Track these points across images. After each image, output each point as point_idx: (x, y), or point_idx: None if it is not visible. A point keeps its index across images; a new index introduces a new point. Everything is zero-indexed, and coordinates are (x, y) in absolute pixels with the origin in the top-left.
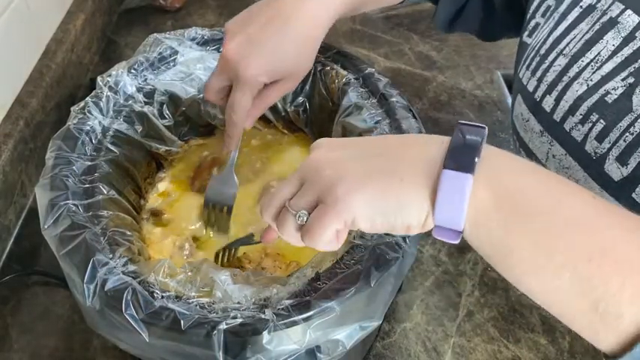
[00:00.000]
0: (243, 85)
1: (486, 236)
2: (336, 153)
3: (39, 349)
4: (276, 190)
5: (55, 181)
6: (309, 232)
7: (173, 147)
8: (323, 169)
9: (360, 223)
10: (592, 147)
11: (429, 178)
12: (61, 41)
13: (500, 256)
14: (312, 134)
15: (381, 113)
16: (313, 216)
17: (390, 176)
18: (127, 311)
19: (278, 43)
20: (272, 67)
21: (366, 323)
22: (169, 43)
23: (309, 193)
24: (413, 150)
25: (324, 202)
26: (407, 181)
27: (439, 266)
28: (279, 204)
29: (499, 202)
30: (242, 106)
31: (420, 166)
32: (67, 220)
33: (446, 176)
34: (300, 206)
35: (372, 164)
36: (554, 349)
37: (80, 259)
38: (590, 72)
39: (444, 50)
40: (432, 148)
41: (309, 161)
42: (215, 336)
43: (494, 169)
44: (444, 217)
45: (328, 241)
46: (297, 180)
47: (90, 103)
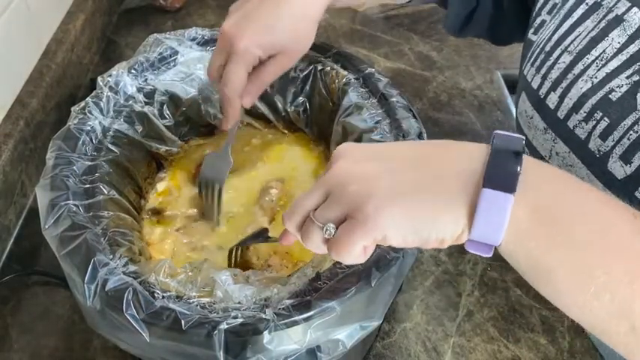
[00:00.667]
0: (236, 57)
1: (524, 254)
2: (363, 165)
3: (39, 349)
4: (301, 199)
5: (56, 182)
6: (337, 247)
7: (173, 147)
8: (350, 184)
9: (391, 240)
10: (596, 145)
11: (466, 194)
12: (61, 41)
13: (538, 275)
14: (312, 134)
15: (381, 113)
16: (342, 231)
17: (424, 193)
18: (128, 311)
19: (273, 17)
20: (266, 40)
21: (367, 323)
22: (169, 43)
23: (336, 207)
24: (449, 161)
25: (353, 217)
26: (442, 198)
27: (439, 266)
28: (303, 214)
29: (540, 221)
30: (234, 78)
31: (456, 182)
32: (67, 220)
33: (486, 196)
34: (326, 219)
35: (403, 179)
36: (554, 349)
37: (81, 260)
38: (594, 69)
39: (444, 50)
40: (468, 161)
41: (334, 172)
42: (216, 336)
43: (535, 186)
44: (481, 234)
45: (356, 256)
46: (323, 191)
47: (90, 103)
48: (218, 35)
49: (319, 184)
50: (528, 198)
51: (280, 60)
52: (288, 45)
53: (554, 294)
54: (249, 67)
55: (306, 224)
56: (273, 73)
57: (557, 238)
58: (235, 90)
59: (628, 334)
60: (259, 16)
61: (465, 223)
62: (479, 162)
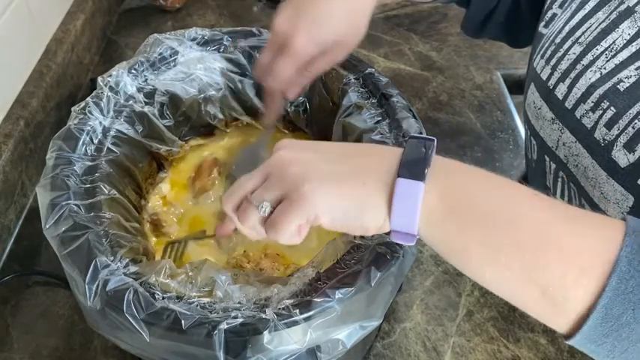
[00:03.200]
0: (290, 54)
1: (439, 237)
2: (303, 154)
3: (39, 349)
4: (240, 182)
5: (57, 181)
6: (274, 225)
7: (173, 147)
8: (290, 166)
9: (321, 220)
10: (601, 134)
11: (386, 186)
12: (61, 41)
13: (455, 254)
14: (312, 134)
15: (381, 113)
16: (278, 209)
17: (353, 180)
18: (128, 311)
19: (326, 11)
20: (321, 36)
21: (367, 323)
22: (169, 43)
23: (274, 187)
24: (373, 159)
25: (289, 197)
26: (368, 186)
27: (439, 266)
28: (241, 196)
29: (449, 205)
30: (282, 74)
31: (379, 174)
32: (68, 220)
33: (400, 184)
34: (263, 199)
35: (338, 167)
36: (554, 349)
37: (82, 260)
38: (604, 60)
39: (444, 50)
40: (389, 159)
41: (275, 159)
42: (216, 336)
43: (444, 176)
44: (399, 222)
45: (291, 234)
46: (262, 175)
47: (90, 103)
48: (270, 34)
49: (259, 169)
50: (437, 185)
51: (331, 54)
52: (342, 39)
53: (471, 270)
54: (300, 63)
55: (243, 205)
56: (325, 65)
57: (465, 220)
58: (281, 84)
59: (540, 298)
60: (313, 12)
61: (386, 213)
62: (396, 159)
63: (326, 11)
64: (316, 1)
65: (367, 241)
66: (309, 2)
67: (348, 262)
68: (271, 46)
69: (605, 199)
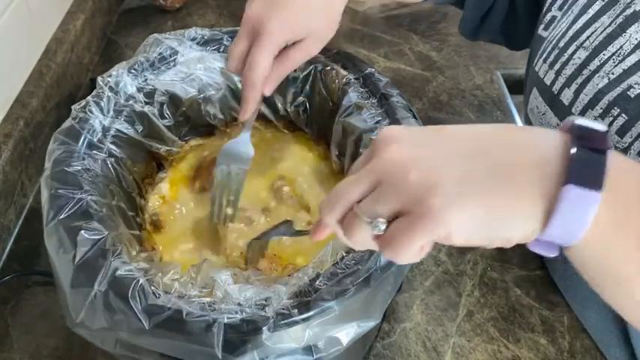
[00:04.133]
0: (263, 41)
1: (598, 259)
2: (422, 151)
3: (39, 349)
4: (341, 189)
5: (61, 175)
6: (393, 246)
7: (173, 147)
8: (408, 172)
9: (455, 239)
10: (613, 141)
11: (543, 188)
12: (61, 41)
13: (611, 282)
14: (312, 134)
15: (381, 113)
16: (398, 227)
17: (497, 186)
18: (132, 299)
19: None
20: (294, 23)
21: (365, 322)
22: (169, 43)
23: (390, 199)
24: (523, 151)
25: (412, 211)
26: (517, 194)
27: (439, 266)
28: (346, 206)
29: (623, 224)
30: (261, 63)
31: (531, 172)
32: (79, 211)
33: (569, 194)
34: (377, 213)
35: (472, 169)
36: (554, 349)
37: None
38: (611, 65)
39: (444, 50)
40: (547, 152)
41: (386, 159)
42: (215, 329)
43: (621, 183)
44: (556, 235)
45: (413, 255)
46: (370, 181)
47: (91, 103)
48: (242, 22)
49: (365, 173)
50: (614, 195)
51: (306, 45)
52: (316, 29)
53: (628, 304)
54: (276, 50)
55: (350, 218)
56: (298, 59)
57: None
58: (261, 75)
59: None
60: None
61: (539, 222)
62: (554, 150)
63: (300, 1)
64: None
65: None
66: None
67: (348, 262)
68: (243, 35)
69: None
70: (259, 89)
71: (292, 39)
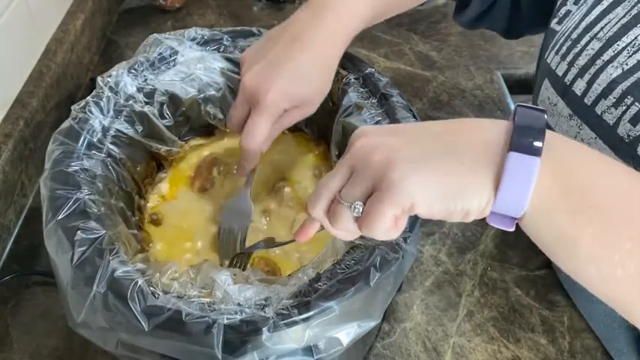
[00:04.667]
0: (263, 111)
1: (547, 224)
2: (386, 138)
3: (39, 349)
4: (324, 182)
5: (60, 175)
6: (366, 222)
7: (173, 147)
8: (374, 154)
9: (418, 208)
10: (625, 130)
11: (491, 162)
12: (61, 41)
13: (561, 245)
14: (312, 134)
15: (381, 113)
16: (369, 205)
17: (449, 159)
18: (131, 299)
19: (297, 66)
20: (292, 92)
21: (365, 322)
22: (169, 43)
23: (361, 181)
24: (470, 132)
25: (378, 188)
26: (468, 165)
27: (439, 266)
28: (329, 197)
29: (565, 189)
30: (260, 132)
31: (480, 150)
32: (78, 211)
33: (512, 159)
34: (353, 196)
35: (428, 147)
36: (554, 349)
37: (94, 251)
38: (625, 56)
39: (444, 50)
40: (491, 131)
41: (356, 149)
42: (215, 329)
43: (560, 155)
44: (506, 204)
45: (387, 228)
46: (346, 169)
47: (91, 103)
48: (240, 89)
49: (341, 164)
50: (554, 165)
51: (303, 109)
52: (313, 94)
53: (577, 265)
54: (275, 119)
55: (333, 207)
56: (293, 120)
57: (582, 206)
58: (260, 142)
59: None
60: (283, 66)
61: (490, 193)
62: (502, 132)
63: (297, 67)
64: (287, 56)
65: (367, 241)
66: (279, 57)
67: (348, 262)
68: (242, 101)
69: None
70: (257, 154)
71: (289, 107)
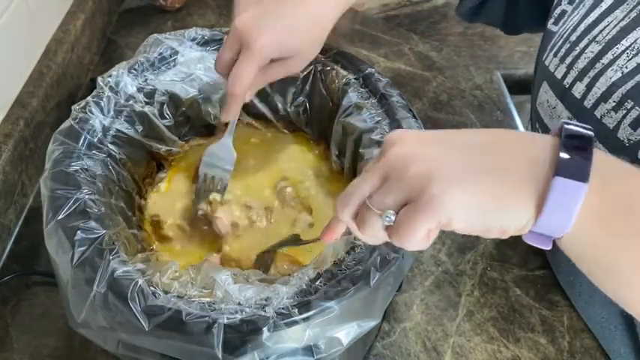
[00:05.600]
0: (251, 55)
1: (590, 246)
2: (425, 147)
3: (39, 349)
4: (355, 186)
5: (60, 175)
6: (400, 233)
7: (174, 147)
8: (411, 166)
9: (456, 224)
10: (625, 134)
11: (536, 182)
12: (61, 41)
13: (603, 268)
14: (312, 134)
15: (381, 113)
16: (403, 215)
17: (492, 175)
18: (131, 300)
19: (292, 18)
20: (283, 41)
21: (365, 322)
22: (169, 43)
23: (397, 190)
24: (515, 148)
25: (415, 200)
26: (511, 183)
27: (439, 266)
28: (358, 202)
29: (609, 212)
30: (246, 76)
31: (525, 167)
32: (78, 211)
33: (558, 184)
34: (385, 205)
35: (470, 160)
36: (554, 349)
37: (93, 251)
38: (625, 59)
39: (444, 50)
40: (536, 148)
41: (392, 156)
42: (215, 329)
43: (607, 177)
44: (548, 226)
45: (419, 241)
46: (380, 176)
47: (91, 103)
48: (231, 30)
49: (375, 169)
50: (599, 187)
51: (290, 63)
52: (302, 49)
53: (618, 289)
54: (262, 66)
55: (362, 212)
56: (278, 74)
57: (628, 230)
58: (245, 87)
59: None
60: (277, 15)
61: (532, 214)
62: (546, 150)
63: (291, 18)
64: (283, 7)
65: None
66: (275, 6)
67: (348, 262)
68: (232, 42)
69: None
70: (241, 98)
71: (278, 57)
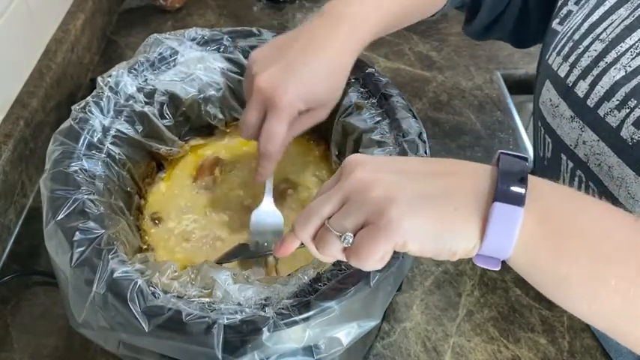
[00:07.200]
0: (280, 112)
1: (535, 265)
2: (385, 174)
3: (39, 349)
4: (314, 207)
5: (59, 176)
6: (358, 254)
7: (173, 147)
8: (372, 189)
9: (411, 246)
10: (629, 133)
11: (479, 210)
12: (61, 41)
13: (551, 284)
14: (312, 134)
15: (381, 113)
16: (362, 237)
17: (444, 204)
18: (131, 301)
19: (313, 70)
20: (309, 95)
21: (365, 322)
22: (169, 43)
23: (356, 212)
24: (463, 179)
25: (374, 223)
26: (460, 211)
27: (439, 266)
28: (318, 223)
29: (548, 232)
30: (279, 134)
31: (471, 197)
32: (78, 212)
33: (497, 210)
34: (343, 227)
35: (425, 190)
36: (554, 349)
37: (93, 251)
38: (629, 58)
39: (444, 50)
40: (480, 179)
41: (353, 180)
42: (215, 330)
43: (542, 200)
44: (491, 248)
45: (376, 262)
46: (339, 198)
47: (91, 103)
48: (254, 92)
49: (335, 192)
50: (536, 210)
51: (317, 113)
52: (327, 98)
53: (567, 301)
54: (291, 122)
55: (322, 233)
56: (306, 125)
57: (566, 247)
58: (279, 146)
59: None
60: (300, 69)
61: (478, 237)
62: (487, 180)
63: (313, 71)
64: (304, 60)
65: None
66: (296, 61)
67: None
68: (257, 104)
69: (632, 198)
70: (277, 158)
71: (304, 110)
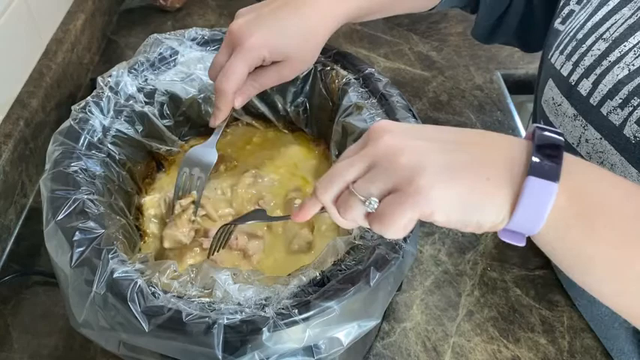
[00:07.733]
0: (241, 53)
1: (561, 243)
2: (413, 140)
3: (39, 349)
4: (338, 170)
5: (59, 176)
6: (382, 220)
7: (173, 147)
8: (401, 155)
9: (437, 216)
10: (632, 131)
11: (512, 182)
12: (61, 41)
13: (574, 263)
14: (312, 134)
15: (381, 113)
16: (388, 203)
17: (476, 174)
18: (131, 301)
19: (286, 24)
20: (274, 43)
21: (365, 322)
22: (169, 43)
23: (383, 179)
24: (496, 148)
25: (401, 190)
26: (492, 181)
27: (439, 266)
28: (342, 186)
29: (580, 210)
30: (235, 73)
31: (503, 167)
32: (78, 212)
33: (531, 184)
34: (369, 192)
35: (456, 158)
36: (554, 349)
37: (93, 251)
38: (632, 57)
39: (444, 50)
40: (514, 150)
41: (381, 145)
42: (215, 330)
43: (575, 177)
44: (521, 222)
45: (399, 229)
46: (365, 163)
47: (91, 103)
48: (225, 35)
49: (361, 157)
50: (569, 187)
51: (282, 68)
52: (295, 55)
53: (592, 280)
54: (252, 65)
55: (345, 197)
56: (271, 79)
57: (596, 226)
58: (233, 85)
59: None
60: (272, 20)
61: (507, 212)
62: (523, 152)
63: (285, 24)
64: (278, 14)
65: (367, 241)
66: (270, 13)
67: (348, 262)
68: (224, 48)
69: None
70: (230, 98)
71: (269, 58)
